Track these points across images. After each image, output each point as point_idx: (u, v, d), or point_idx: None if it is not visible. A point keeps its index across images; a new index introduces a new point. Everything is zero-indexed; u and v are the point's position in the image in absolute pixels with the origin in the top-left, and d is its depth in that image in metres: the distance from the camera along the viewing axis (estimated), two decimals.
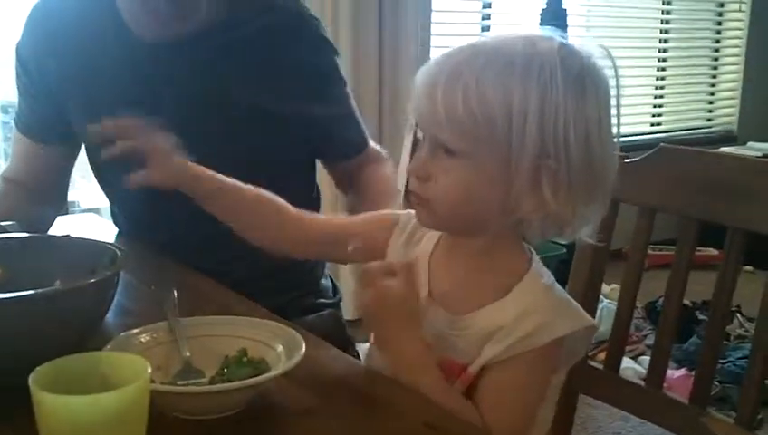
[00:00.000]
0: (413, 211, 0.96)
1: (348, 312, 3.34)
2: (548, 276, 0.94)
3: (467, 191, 0.87)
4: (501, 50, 0.85)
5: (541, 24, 3.40)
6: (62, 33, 1.33)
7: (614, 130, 0.89)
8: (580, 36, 3.24)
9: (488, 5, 3.97)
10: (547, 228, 0.89)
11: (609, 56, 0.90)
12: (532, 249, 0.97)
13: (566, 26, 3.42)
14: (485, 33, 3.91)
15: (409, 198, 0.94)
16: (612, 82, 0.90)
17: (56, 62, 1.37)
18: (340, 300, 1.59)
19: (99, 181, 1.47)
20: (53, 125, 1.43)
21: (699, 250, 1.28)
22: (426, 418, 0.86)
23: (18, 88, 1.47)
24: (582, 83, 0.85)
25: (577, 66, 0.85)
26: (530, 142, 0.83)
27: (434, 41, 3.56)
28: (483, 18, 3.99)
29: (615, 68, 0.90)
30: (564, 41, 0.88)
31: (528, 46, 0.85)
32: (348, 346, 1.45)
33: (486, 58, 0.84)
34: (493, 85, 0.83)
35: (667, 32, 4.78)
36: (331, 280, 1.60)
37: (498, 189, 0.86)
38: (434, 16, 3.55)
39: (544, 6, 3.40)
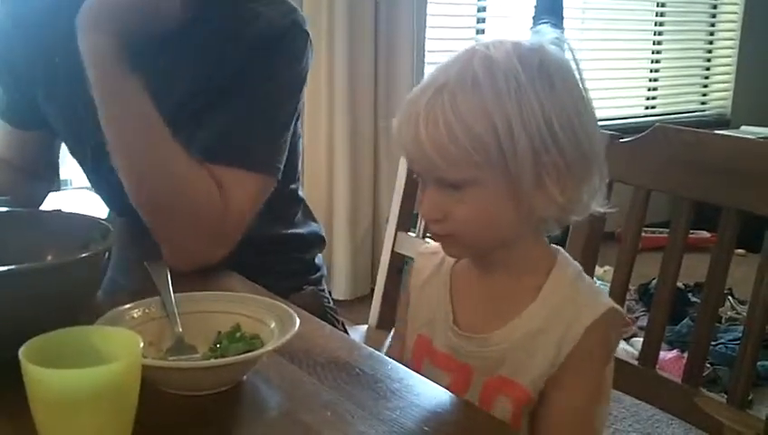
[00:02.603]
0: (422, 249, 1.00)
1: (339, 291, 3.39)
2: (574, 267, 0.96)
3: (485, 215, 0.89)
4: (462, 75, 0.86)
5: (536, 7, 3.39)
6: (27, 16, 1.29)
7: (588, 104, 0.91)
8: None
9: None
10: (562, 218, 0.92)
11: (563, 42, 0.92)
12: (557, 247, 0.98)
13: (562, 9, 3.40)
14: (476, 36, 3.93)
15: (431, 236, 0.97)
16: (573, 64, 0.91)
17: (23, 47, 1.34)
18: (322, 277, 1.57)
19: (80, 165, 1.45)
20: (28, 113, 1.40)
21: (692, 233, 1.28)
22: (421, 396, 0.86)
23: None
24: (547, 74, 0.87)
25: (536, 61, 0.87)
26: (522, 150, 0.85)
27: (429, 33, 3.58)
28: (478, 10, 3.98)
29: (572, 51, 0.92)
30: (516, 41, 0.89)
31: (485, 61, 0.86)
32: (332, 325, 1.44)
33: (453, 88, 0.86)
34: (470, 111, 0.84)
35: (662, 14, 4.79)
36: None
37: (511, 203, 0.88)
38: (429, 8, 3.54)
39: None
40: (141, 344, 0.70)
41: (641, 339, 1.32)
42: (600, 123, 0.95)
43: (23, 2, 1.34)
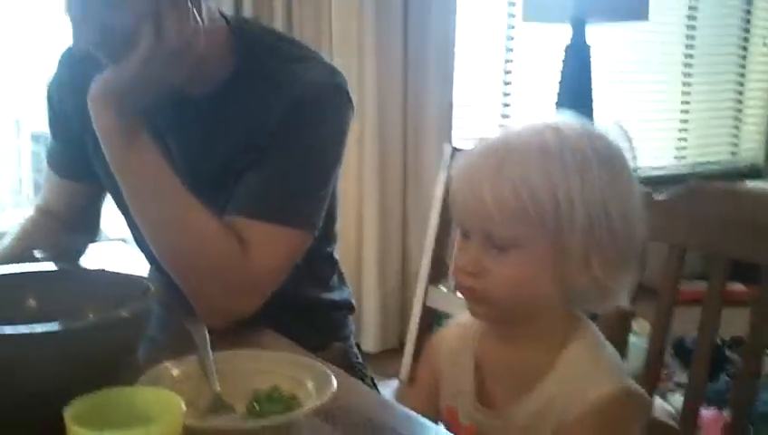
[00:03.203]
0: (452, 320, 1.01)
1: (368, 344, 3.37)
2: (595, 339, 0.95)
3: (522, 279, 0.90)
4: (532, 141, 0.89)
5: (564, 60, 3.41)
6: (84, 72, 1.32)
7: (639, 196, 0.93)
8: (601, 118, 3.24)
9: (511, 38, 4.00)
10: (596, 300, 0.93)
11: (625, 131, 0.94)
12: (581, 315, 0.98)
13: (590, 60, 3.41)
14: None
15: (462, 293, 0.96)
16: (629, 154, 0.94)
17: (76, 101, 1.36)
18: (350, 333, 1.57)
19: (125, 218, 1.47)
20: (79, 164, 1.44)
21: (727, 286, 1.27)
22: None
23: (48, 125, 1.49)
24: (611, 161, 0.90)
25: (603, 146, 0.90)
26: (578, 223, 0.86)
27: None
28: (507, 51, 4.02)
29: (630, 140, 0.94)
30: (583, 123, 0.92)
31: (555, 134, 0.89)
32: (361, 381, 1.44)
33: (522, 151, 0.88)
34: (537, 174, 0.86)
35: (691, 65, 4.78)
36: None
37: (552, 273, 0.89)
38: (458, 49, 3.58)
39: (568, 42, 3.40)
40: (184, 408, 0.71)
41: (678, 395, 1.30)
42: None
43: (77, 61, 1.38)
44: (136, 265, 1.47)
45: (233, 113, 1.27)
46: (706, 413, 2.61)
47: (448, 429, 1.00)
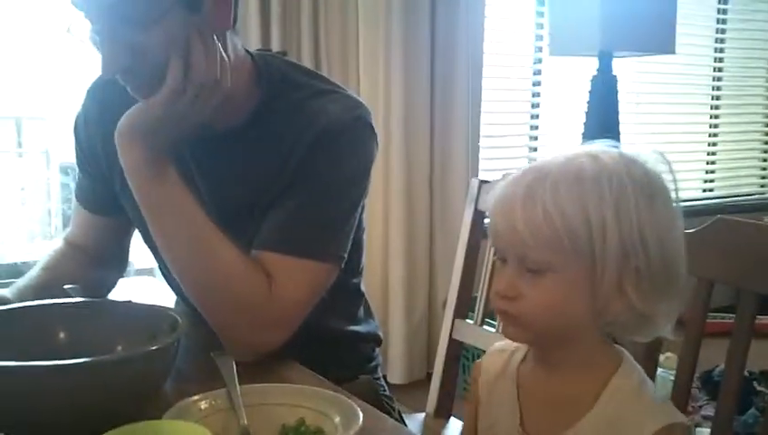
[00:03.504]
0: (491, 348, 0.99)
1: (394, 375, 3.37)
2: (638, 374, 0.94)
3: (557, 304, 0.89)
4: (567, 167, 0.89)
5: (590, 92, 3.41)
6: (111, 107, 1.33)
7: (680, 225, 0.92)
8: (632, 143, 3.25)
9: (538, 72, 4.01)
10: (634, 328, 0.92)
11: (665, 159, 0.94)
12: (622, 349, 0.97)
13: (617, 92, 3.41)
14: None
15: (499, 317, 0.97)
16: (671, 184, 0.93)
17: (103, 137, 1.38)
18: (377, 366, 1.57)
19: (152, 252, 1.49)
20: (106, 199, 1.45)
21: (757, 318, 1.26)
22: None
23: (76, 159, 1.51)
24: (650, 188, 0.89)
25: (641, 172, 0.89)
26: (611, 249, 0.86)
27: (484, 118, 3.63)
28: (533, 84, 4.03)
29: (671, 168, 0.94)
30: (621, 150, 0.92)
31: (592, 160, 0.89)
32: (388, 414, 1.43)
33: (556, 176, 0.88)
34: (569, 200, 0.86)
35: (718, 98, 4.77)
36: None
37: (586, 298, 0.88)
38: (485, 83, 3.60)
39: (595, 73, 3.41)
40: None
41: (706, 428, 1.29)
42: None
43: (106, 95, 1.40)
44: (163, 297, 1.48)
45: (258, 148, 1.28)
46: None
47: None
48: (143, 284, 1.79)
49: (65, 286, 1.19)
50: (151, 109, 1.17)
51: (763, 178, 5.04)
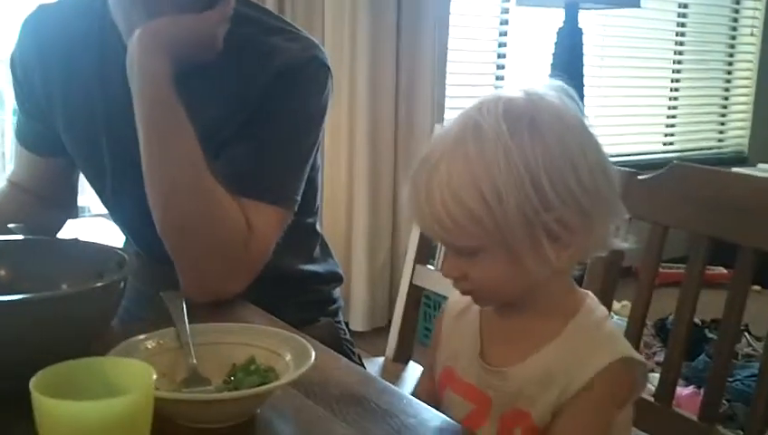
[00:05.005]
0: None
1: (356, 322, 3.39)
2: (600, 312, 0.95)
3: (500, 277, 0.91)
4: (455, 149, 0.87)
5: (556, 44, 3.40)
6: (49, 45, 1.28)
7: (590, 155, 0.89)
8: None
9: (505, 22, 3.98)
10: (582, 256, 0.93)
11: (567, 91, 0.92)
12: (587, 292, 0.98)
13: (582, 45, 3.41)
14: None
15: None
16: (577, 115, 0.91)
17: (42, 77, 1.35)
18: (338, 309, 1.56)
19: (98, 194, 1.45)
20: (47, 139, 1.40)
21: (709, 269, 1.27)
22: (437, 432, 0.86)
23: (15, 98, 1.45)
24: (539, 133, 0.86)
25: (526, 121, 0.86)
26: (512, 217, 0.84)
27: (450, 67, 3.60)
28: (500, 35, 4.00)
29: (575, 101, 0.92)
30: (511, 97, 0.89)
31: (474, 130, 0.87)
32: (348, 357, 1.43)
33: (448, 164, 0.87)
34: (463, 187, 0.86)
35: (680, 53, 4.80)
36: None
37: (515, 266, 0.88)
38: (451, 31, 3.57)
39: (561, 25, 3.39)
40: (155, 376, 0.70)
41: (658, 375, 1.31)
42: (619, 159, 0.95)
43: (41, 30, 1.35)
44: (111, 238, 1.45)
45: (215, 85, 1.26)
46: (685, 391, 2.63)
47: (441, 388, 1.01)
48: (95, 225, 1.75)
49: (9, 225, 1.16)
50: (184, 22, 1.16)
51: (722, 132, 5.10)
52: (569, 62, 3.39)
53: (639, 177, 1.30)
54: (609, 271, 1.31)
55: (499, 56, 4.02)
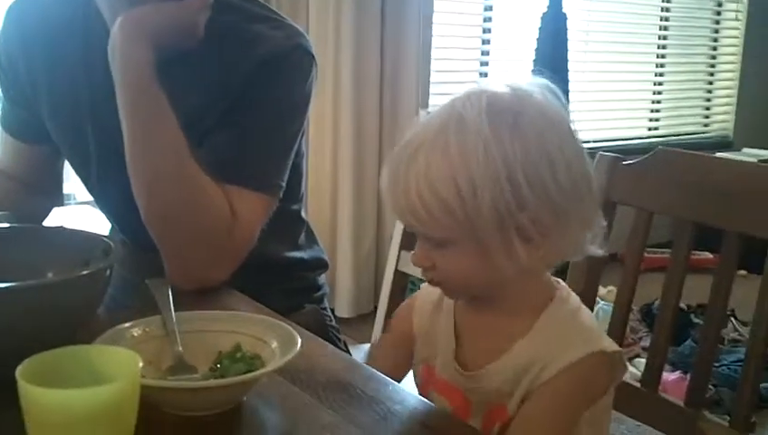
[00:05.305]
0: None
1: (342, 309, 3.39)
2: (571, 303, 0.95)
3: (468, 270, 0.90)
4: (436, 139, 0.87)
5: (540, 29, 3.40)
6: (33, 33, 1.27)
7: (568, 154, 0.88)
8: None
9: (489, 8, 3.98)
10: (554, 259, 0.93)
11: (551, 88, 0.91)
12: (558, 280, 0.98)
13: (566, 30, 3.41)
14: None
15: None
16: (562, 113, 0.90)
17: (26, 65, 1.34)
18: (324, 295, 1.56)
19: (83, 182, 1.44)
20: (32, 126, 1.40)
21: (694, 254, 1.28)
22: (423, 418, 0.86)
23: (0, 87, 1.44)
24: (520, 131, 0.85)
25: (509, 118, 0.86)
26: (486, 213, 0.84)
27: (435, 53, 3.61)
28: (484, 20, 4.00)
29: (560, 98, 0.91)
30: (495, 92, 0.89)
31: (457, 123, 0.86)
32: (334, 344, 1.43)
33: (427, 154, 0.87)
34: (440, 179, 0.85)
35: (665, 38, 4.81)
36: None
37: (484, 261, 0.88)
38: (436, 17, 3.56)
39: (545, 10, 3.39)
40: (141, 364, 0.69)
41: (644, 360, 1.31)
42: (603, 144, 0.95)
43: (25, 18, 1.34)
44: (97, 225, 1.45)
45: (196, 72, 1.25)
46: (671, 376, 2.65)
47: (424, 386, 1.01)
48: (80, 213, 1.74)
49: None
50: (166, 9, 1.16)
51: (706, 117, 5.12)
52: (553, 47, 3.41)
53: (624, 162, 1.31)
54: (593, 256, 1.31)
55: (483, 42, 4.02)
